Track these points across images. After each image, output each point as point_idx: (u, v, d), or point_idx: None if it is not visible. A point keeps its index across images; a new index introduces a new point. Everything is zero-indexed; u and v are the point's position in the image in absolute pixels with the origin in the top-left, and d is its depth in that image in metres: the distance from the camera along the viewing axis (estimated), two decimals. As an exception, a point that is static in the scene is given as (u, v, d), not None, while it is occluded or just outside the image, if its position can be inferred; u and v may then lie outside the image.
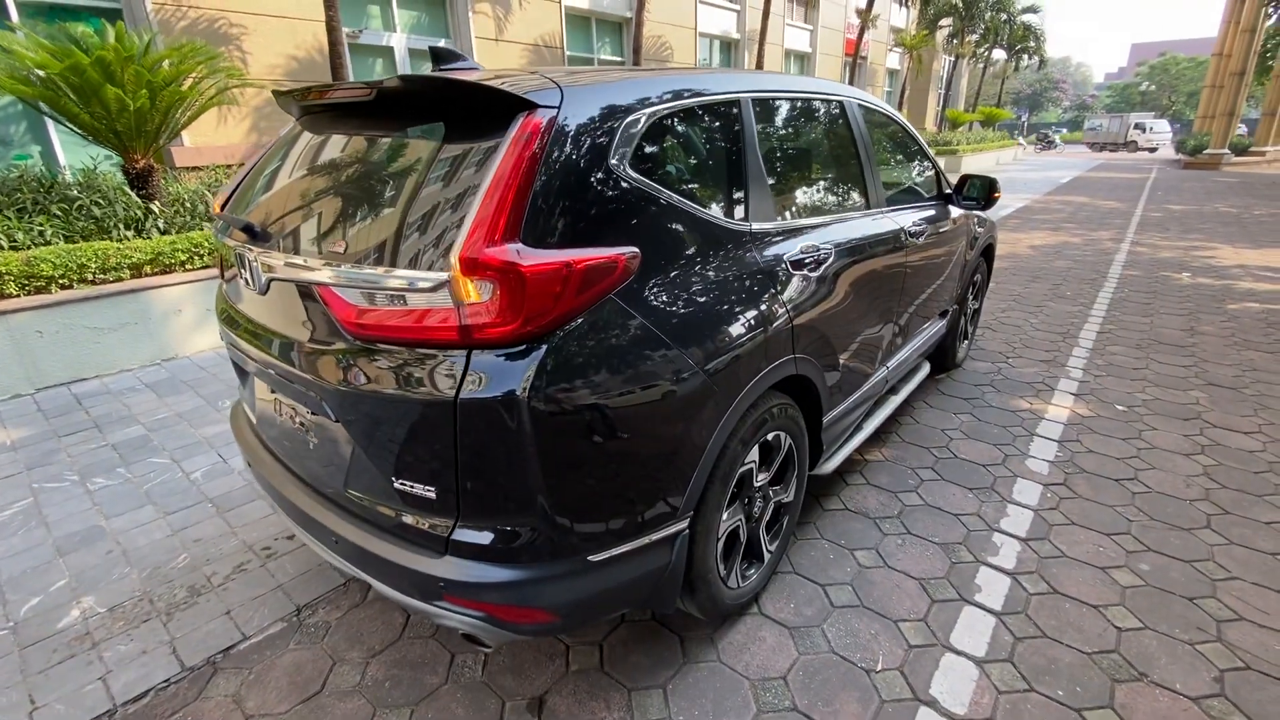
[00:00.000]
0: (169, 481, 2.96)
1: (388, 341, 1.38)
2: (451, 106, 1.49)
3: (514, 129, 1.35)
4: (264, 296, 1.60)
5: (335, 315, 1.42)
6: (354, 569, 1.62)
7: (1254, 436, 3.38)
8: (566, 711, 1.79)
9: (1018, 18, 23.53)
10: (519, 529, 1.40)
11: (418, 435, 1.38)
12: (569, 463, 1.37)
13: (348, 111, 1.73)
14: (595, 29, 12.25)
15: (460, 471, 1.35)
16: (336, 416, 1.49)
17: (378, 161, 1.58)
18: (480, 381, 1.28)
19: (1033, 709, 1.79)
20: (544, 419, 1.30)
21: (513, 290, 1.25)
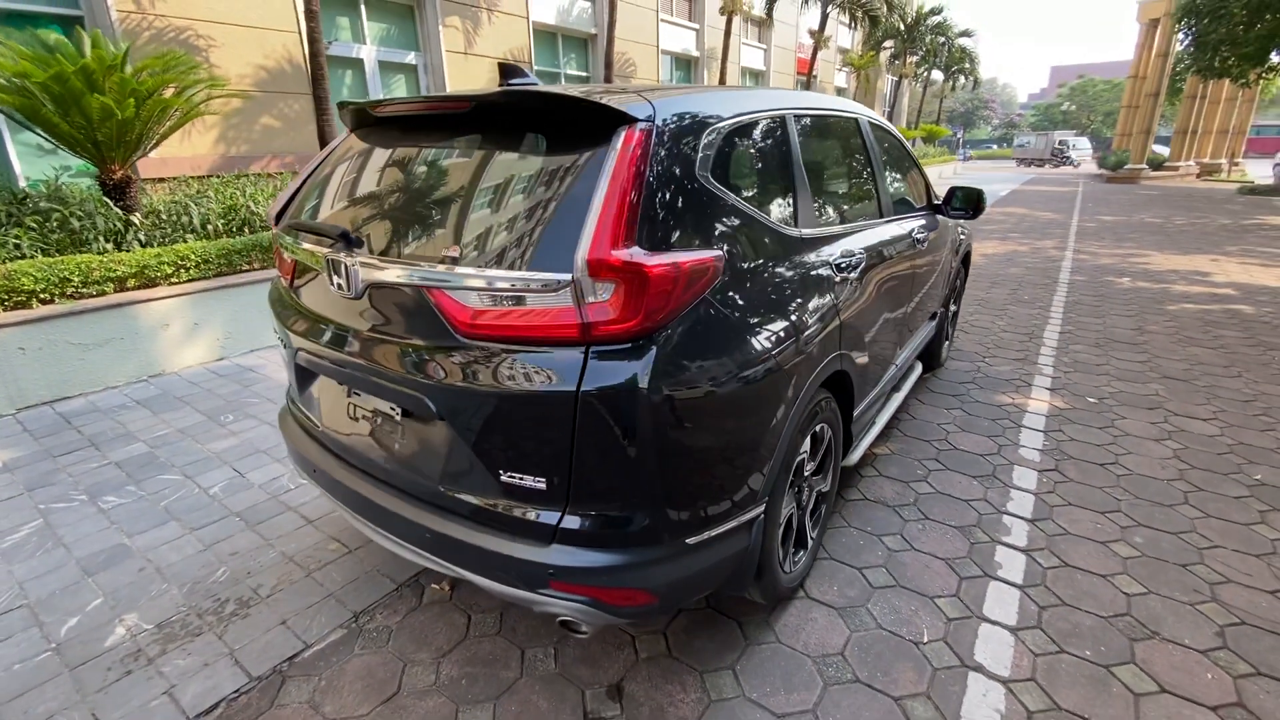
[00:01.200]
0: (187, 498, 2.89)
1: (502, 340, 1.45)
2: (550, 119, 1.58)
3: (618, 140, 1.45)
4: (358, 300, 1.64)
5: (447, 316, 1.48)
6: (447, 563, 1.66)
7: (1211, 423, 3.73)
8: (645, 695, 1.86)
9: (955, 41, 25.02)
10: (627, 515, 1.48)
11: (531, 429, 1.45)
12: (677, 450, 1.47)
13: (436, 123, 1.80)
14: (561, 44, 12.40)
15: (574, 462, 1.43)
16: (441, 414, 1.54)
17: (479, 170, 1.65)
18: (601, 375, 1.37)
19: (1066, 668, 1.97)
20: (658, 409, 1.39)
21: (634, 290, 1.34)
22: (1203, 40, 20.62)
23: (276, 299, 2.11)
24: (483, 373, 1.47)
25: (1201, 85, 24.83)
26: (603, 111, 1.48)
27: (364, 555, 2.48)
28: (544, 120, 1.59)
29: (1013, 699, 1.86)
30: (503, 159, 1.62)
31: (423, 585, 2.33)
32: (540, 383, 1.41)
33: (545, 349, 1.42)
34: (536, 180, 1.52)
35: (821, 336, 1.94)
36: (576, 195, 1.44)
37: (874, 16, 17.09)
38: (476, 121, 1.68)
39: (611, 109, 1.47)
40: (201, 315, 4.53)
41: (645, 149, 1.46)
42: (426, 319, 1.53)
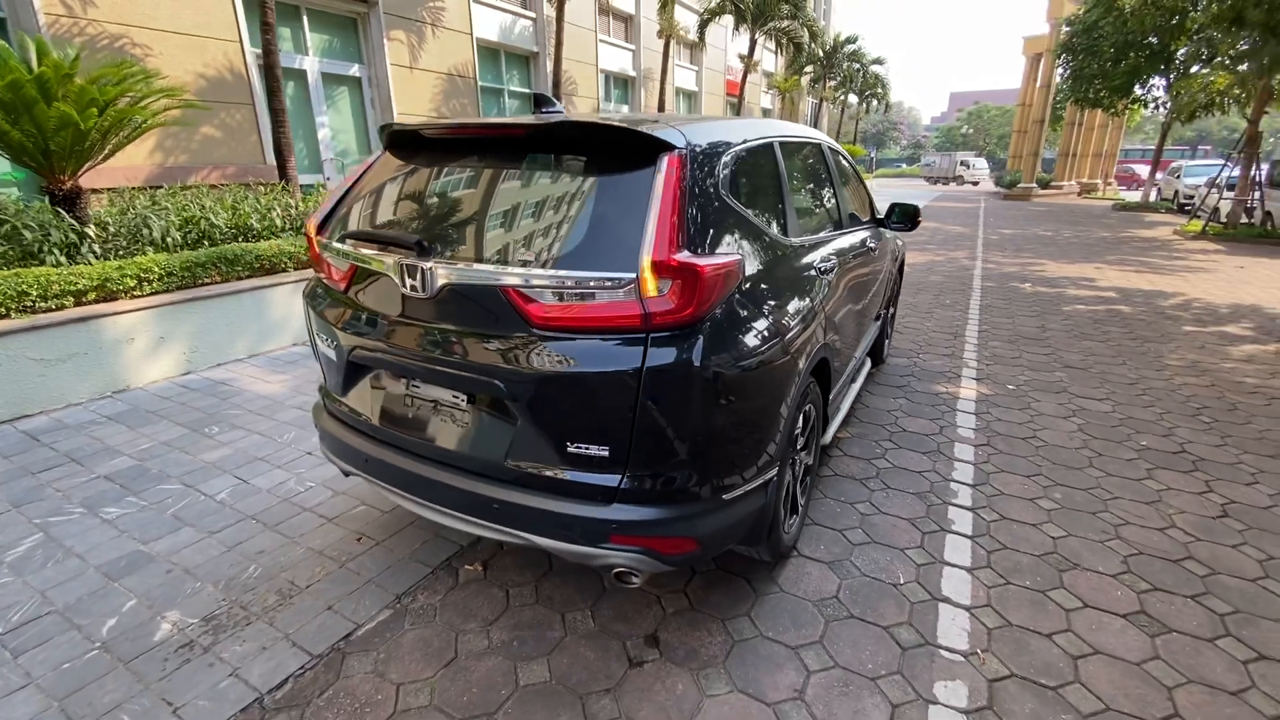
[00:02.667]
0: (194, 505, 2.92)
1: (571, 331, 1.72)
2: (598, 143, 1.86)
3: (663, 164, 1.76)
4: (431, 301, 1.85)
5: (521, 312, 1.73)
6: (513, 529, 1.89)
7: (1105, 402, 4.41)
8: (679, 641, 2.15)
9: (868, 68, 26.99)
10: (677, 474, 1.77)
11: (599, 404, 1.72)
12: (718, 417, 1.77)
13: (489, 144, 2.04)
14: (504, 62, 12.58)
15: (635, 430, 1.71)
16: (514, 397, 1.78)
17: (537, 186, 1.91)
18: (661, 356, 1.66)
19: (1013, 595, 2.40)
20: (707, 383, 1.70)
21: (689, 285, 1.64)
22: (1078, 74, 23.25)
23: (321, 302, 2.27)
24: (555, 359, 1.72)
25: (1079, 113, 27.83)
26: (648, 140, 1.79)
27: (393, 545, 2.63)
28: (593, 145, 1.87)
29: (975, 620, 2.27)
30: (558, 177, 1.89)
31: (455, 568, 2.51)
32: (608, 365, 1.68)
33: (611, 336, 1.69)
34: (591, 196, 1.80)
35: (812, 328, 2.31)
36: (631, 208, 1.73)
37: (798, 43, 18.31)
38: (531, 144, 1.95)
39: (656, 138, 1.78)
40: (166, 329, 4.45)
41: (683, 171, 1.77)
42: (501, 315, 1.77)
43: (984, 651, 2.12)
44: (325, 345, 2.24)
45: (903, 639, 2.18)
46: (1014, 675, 2.03)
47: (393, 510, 2.88)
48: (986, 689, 1.97)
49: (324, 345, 2.25)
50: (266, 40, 6.06)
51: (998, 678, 2.02)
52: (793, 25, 17.54)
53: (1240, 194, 14.01)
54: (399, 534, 2.71)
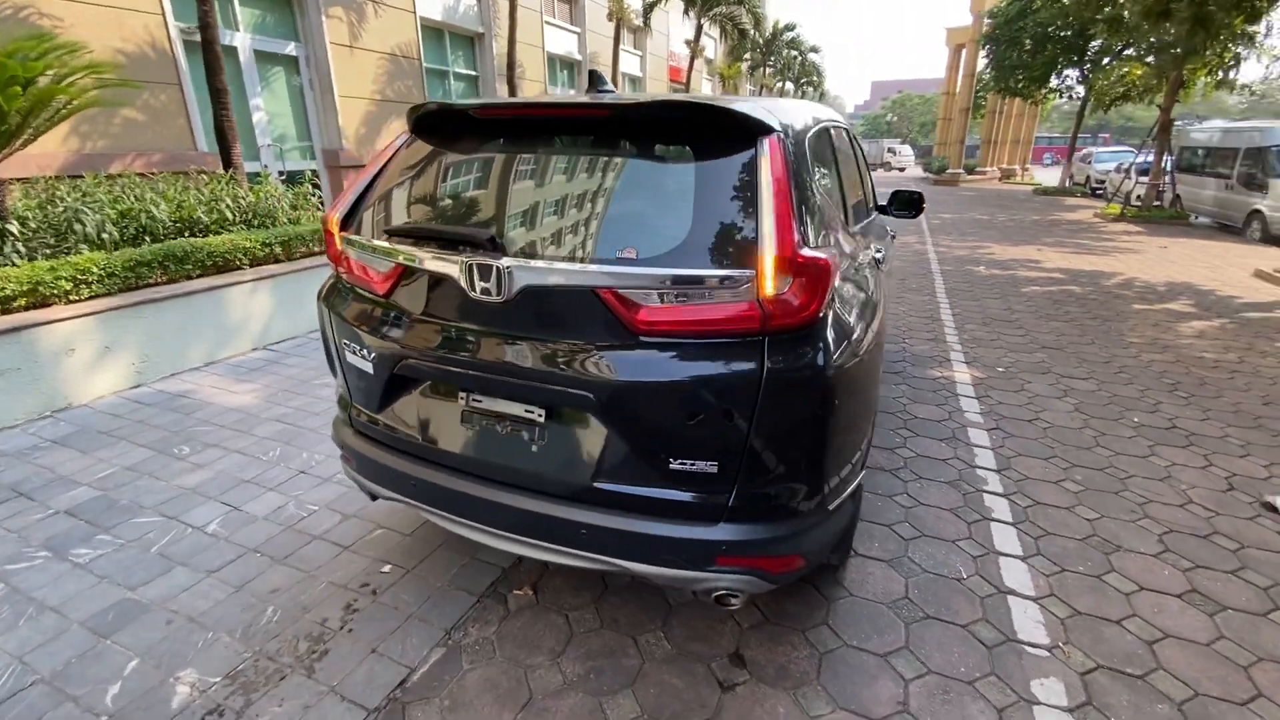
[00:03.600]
0: (182, 540, 2.56)
1: (678, 336, 1.54)
2: (686, 126, 1.68)
3: (765, 148, 1.61)
4: (506, 305, 1.63)
5: (619, 315, 1.54)
6: (603, 557, 1.71)
7: (1089, 380, 4.58)
8: (765, 658, 2.03)
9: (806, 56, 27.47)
10: (790, 487, 1.64)
11: (709, 415, 1.55)
12: (836, 422, 1.64)
13: (557, 127, 1.81)
14: (449, 42, 11.95)
15: (749, 443, 1.56)
16: (608, 411, 1.59)
17: (622, 173, 1.70)
18: (783, 360, 1.51)
19: (1071, 580, 2.42)
20: (828, 386, 1.57)
21: (814, 282, 1.50)
22: (1000, 64, 24.40)
23: (347, 307, 1.99)
24: (658, 367, 1.55)
25: (1000, 102, 29.28)
26: (749, 121, 1.62)
27: (426, 573, 2.38)
28: (682, 127, 1.68)
29: (1045, 610, 2.26)
30: (647, 163, 1.70)
31: (503, 594, 2.30)
32: (722, 372, 1.52)
33: (725, 340, 1.53)
34: (689, 184, 1.62)
35: (880, 318, 2.22)
36: (735, 198, 1.57)
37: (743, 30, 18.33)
38: (609, 127, 1.74)
39: (758, 120, 1.62)
40: (111, 337, 3.94)
41: (784, 156, 1.62)
42: (593, 319, 1.57)
43: (1066, 644, 2.11)
44: (356, 355, 1.97)
45: (985, 637, 2.14)
46: (1101, 667, 2.02)
47: (414, 532, 2.63)
48: (1080, 684, 1.95)
49: (353, 355, 1.98)
50: (204, 11, 5.42)
51: (1086, 670, 2.01)
52: (738, 10, 17.53)
53: (1154, 179, 15.08)
54: (429, 559, 2.46)
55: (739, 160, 1.61)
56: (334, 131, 9.08)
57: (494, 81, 12.76)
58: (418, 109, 1.98)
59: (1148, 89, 16.02)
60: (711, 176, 1.62)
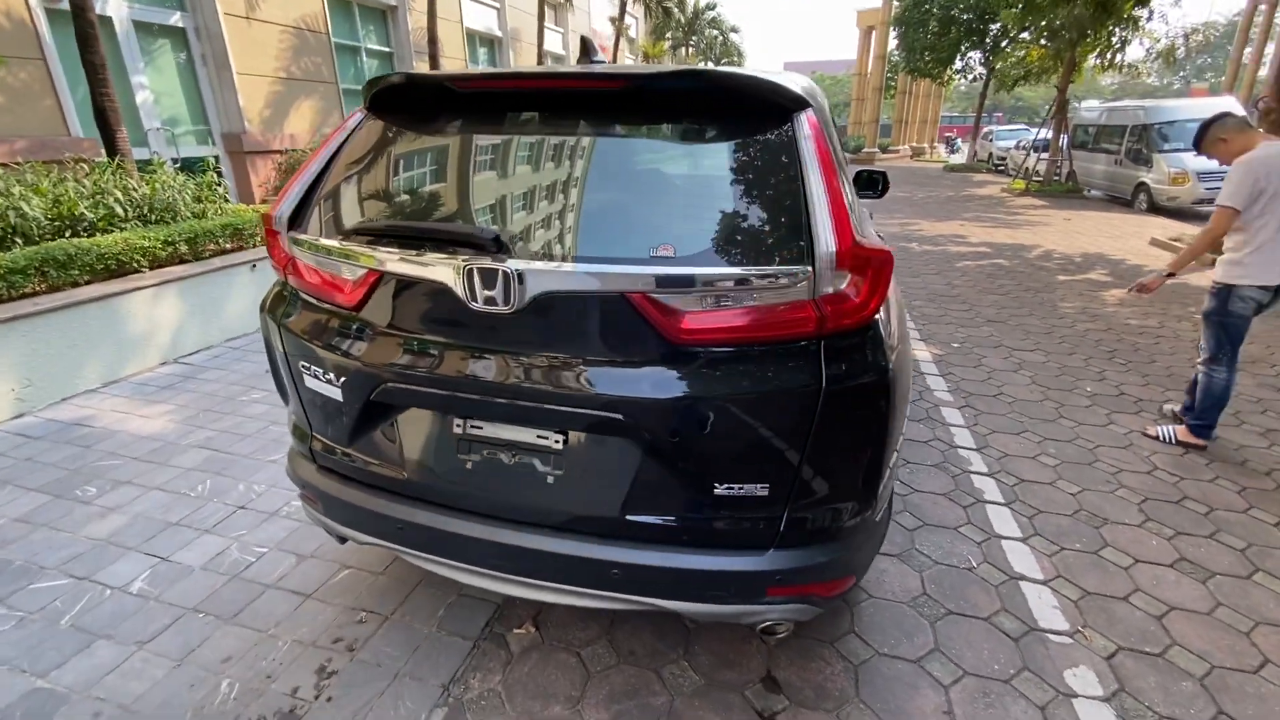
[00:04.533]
0: (100, 606, 2.15)
1: (723, 344, 1.34)
2: (709, 100, 1.46)
3: (803, 125, 1.42)
4: (512, 315, 1.37)
5: (654, 322, 1.32)
6: (640, 597, 1.51)
7: (1036, 352, 4.76)
8: (799, 679, 1.89)
9: (728, 35, 27.52)
10: (843, 504, 1.49)
11: (760, 432, 1.37)
12: (892, 428, 1.49)
13: (564, 101, 1.54)
14: (359, 15, 11.04)
15: (803, 461, 1.39)
16: (640, 433, 1.38)
17: (649, 156, 1.46)
18: (843, 365, 1.34)
19: (1074, 560, 2.43)
20: (890, 390, 1.41)
21: (876, 276, 1.34)
22: (910, 46, 25.36)
23: (302, 322, 1.66)
24: (703, 380, 1.35)
25: (910, 82, 30.54)
26: (783, 95, 1.42)
27: (408, 619, 2.10)
28: (703, 102, 1.46)
29: (1057, 594, 2.25)
30: (668, 144, 1.48)
31: (501, 635, 2.05)
32: (776, 382, 1.34)
33: (776, 346, 1.35)
34: (720, 167, 1.42)
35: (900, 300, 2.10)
36: (778, 182, 1.38)
37: (667, 8, 18.04)
38: (621, 102, 1.49)
39: (793, 92, 1.42)
40: None
41: (824, 133, 1.44)
42: (625, 327, 1.35)
43: (1084, 628, 2.10)
44: (319, 380, 1.64)
45: (1009, 629, 2.09)
46: (1121, 649, 2.02)
47: (388, 569, 2.32)
48: (1108, 669, 1.94)
49: (315, 380, 1.66)
50: (70, -28, 4.61)
51: (1110, 654, 2.00)
52: (663, -12, 17.23)
53: (1053, 155, 16.13)
54: (410, 601, 2.18)
55: (775, 139, 1.41)
56: (234, 113, 8.18)
57: (410, 58, 11.94)
58: (377, 82, 1.65)
59: (1045, 70, 17.05)
60: (747, 158, 1.42)
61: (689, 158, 1.48)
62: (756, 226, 1.36)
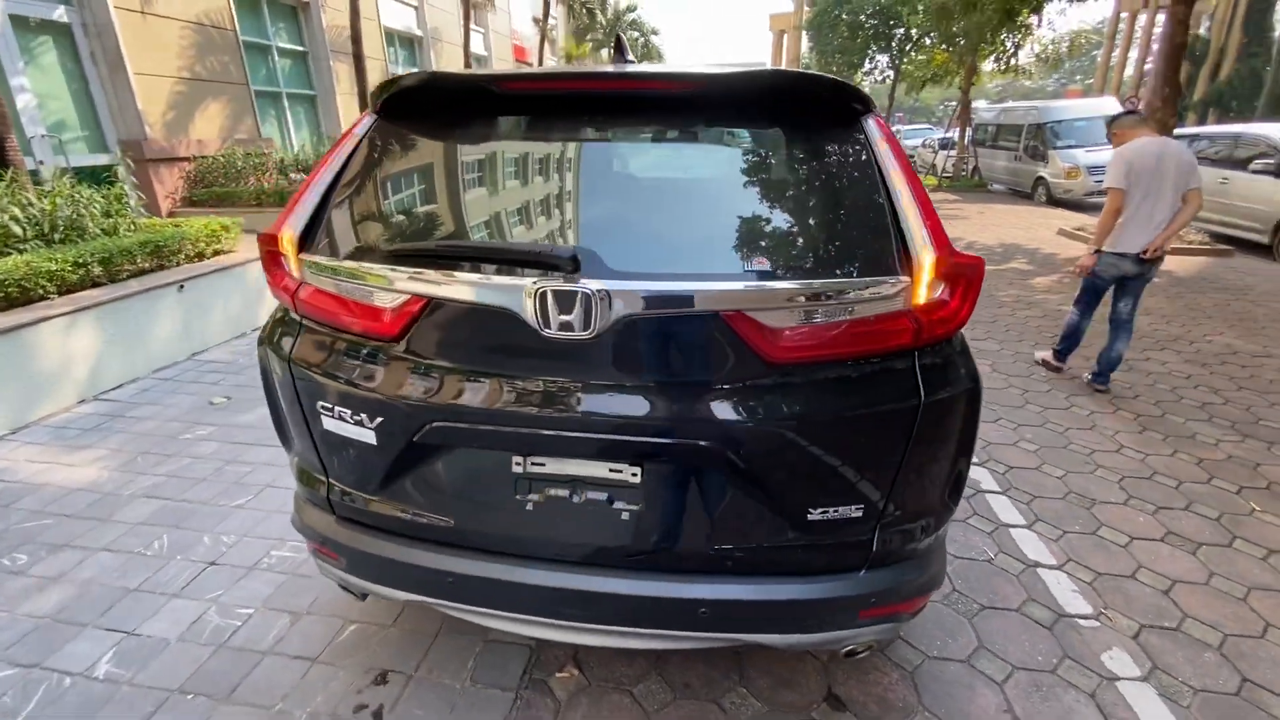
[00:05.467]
0: (57, 695, 1.82)
1: (820, 361, 1.27)
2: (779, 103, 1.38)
3: (875, 129, 1.38)
4: (589, 341, 1.24)
5: (750, 342, 1.23)
6: (730, 634, 1.42)
7: (989, 340, 5.01)
8: (861, 693, 1.86)
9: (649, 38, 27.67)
10: (929, 518, 1.45)
11: (859, 452, 1.31)
12: (975, 438, 1.47)
13: (618, 104, 1.41)
14: (268, 11, 10.25)
15: (898, 476, 1.34)
16: (730, 461, 1.28)
17: (722, 165, 1.37)
18: (939, 377, 1.31)
19: (1076, 542, 2.54)
20: (978, 399, 1.39)
21: (970, 284, 1.30)
22: (823, 49, 26.44)
23: (327, 360, 1.45)
24: (800, 401, 1.27)
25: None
26: (852, 96, 1.37)
27: (435, 674, 1.91)
28: (768, 105, 1.39)
29: (1073, 578, 2.34)
30: (739, 151, 1.39)
31: (541, 680, 1.90)
32: (877, 399, 1.28)
33: (872, 360, 1.29)
34: (799, 174, 1.34)
35: None
36: (858, 189, 1.32)
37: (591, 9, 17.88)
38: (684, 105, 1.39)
39: (861, 92, 1.38)
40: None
41: (893, 135, 1.40)
42: (715, 349, 1.25)
43: (1106, 610, 2.19)
44: (346, 421, 1.44)
45: (1040, 618, 2.15)
46: (1143, 627, 2.11)
47: (399, 620, 2.11)
48: (1139, 649, 2.02)
49: (338, 421, 1.46)
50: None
51: (1134, 634, 2.09)
52: (587, -12, 17.07)
53: (960, 153, 17.23)
54: (432, 655, 1.98)
55: (849, 143, 1.36)
56: (133, 117, 7.40)
57: (327, 58, 11.24)
58: (391, 85, 1.47)
59: (948, 72, 18.19)
60: (823, 163, 1.36)
61: (763, 164, 1.40)
62: (846, 235, 1.30)
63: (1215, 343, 4.94)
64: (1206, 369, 4.40)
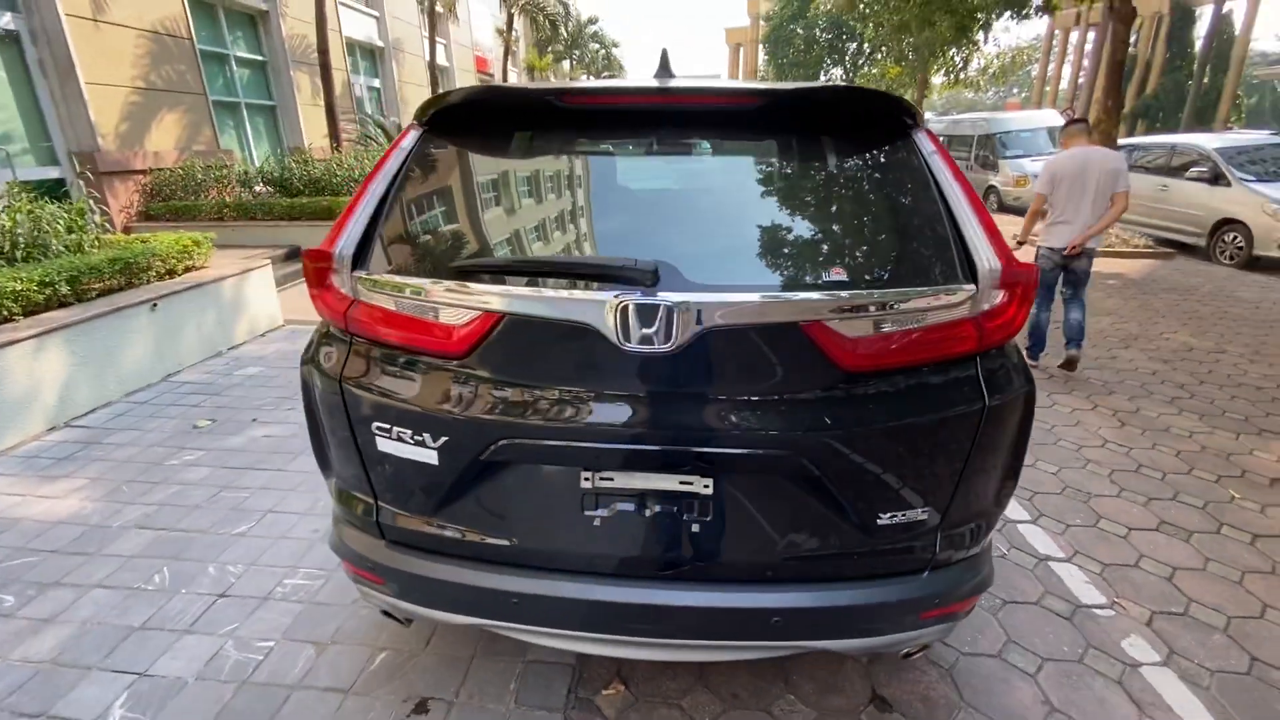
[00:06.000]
0: (72, 748, 1.71)
1: (892, 368, 1.31)
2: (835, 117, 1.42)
3: (928, 142, 1.43)
4: (669, 354, 1.24)
5: (828, 351, 1.25)
6: (798, 642, 1.43)
7: (968, 344, 5.19)
8: (904, 693, 1.89)
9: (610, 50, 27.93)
10: (985, 518, 1.50)
11: (926, 457, 1.35)
12: (1027, 440, 1.52)
13: (682, 119, 1.42)
14: (225, 20, 9.93)
15: (961, 479, 1.38)
16: (810, 467, 1.30)
17: (789, 178, 1.40)
18: (1000, 381, 1.35)
19: (1080, 535, 2.65)
20: (1033, 404, 1.44)
21: (1026, 291, 1.35)
22: (779, 62, 27.18)
23: (382, 379, 1.41)
24: (875, 408, 1.30)
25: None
26: (903, 109, 1.42)
27: (477, 699, 1.86)
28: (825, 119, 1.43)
29: (1083, 570, 2.44)
30: (806, 165, 1.42)
31: (588, 699, 1.87)
32: (945, 405, 1.32)
33: (940, 366, 1.33)
34: (856, 185, 1.38)
35: None
36: (917, 200, 1.37)
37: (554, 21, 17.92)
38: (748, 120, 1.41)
39: (913, 107, 1.43)
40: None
41: (945, 149, 1.46)
42: (794, 358, 1.27)
43: (1119, 599, 2.28)
44: (403, 441, 1.40)
45: (1059, 610, 2.23)
46: (1155, 613, 2.22)
47: (431, 644, 2.05)
48: (1154, 635, 2.12)
49: (393, 441, 1.42)
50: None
51: (1147, 620, 2.19)
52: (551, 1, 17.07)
53: (916, 163, 17.90)
54: (471, 680, 1.93)
55: (905, 155, 1.41)
56: (85, 128, 7.06)
57: (287, 68, 10.95)
58: (442, 99, 1.45)
59: (901, 85, 18.93)
60: (883, 176, 1.41)
61: (825, 176, 1.44)
62: (913, 245, 1.35)
63: (1173, 340, 5.23)
64: (1169, 365, 4.66)
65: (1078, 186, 4.12)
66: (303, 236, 7.39)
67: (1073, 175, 4.13)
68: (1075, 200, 4.13)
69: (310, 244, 5.67)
